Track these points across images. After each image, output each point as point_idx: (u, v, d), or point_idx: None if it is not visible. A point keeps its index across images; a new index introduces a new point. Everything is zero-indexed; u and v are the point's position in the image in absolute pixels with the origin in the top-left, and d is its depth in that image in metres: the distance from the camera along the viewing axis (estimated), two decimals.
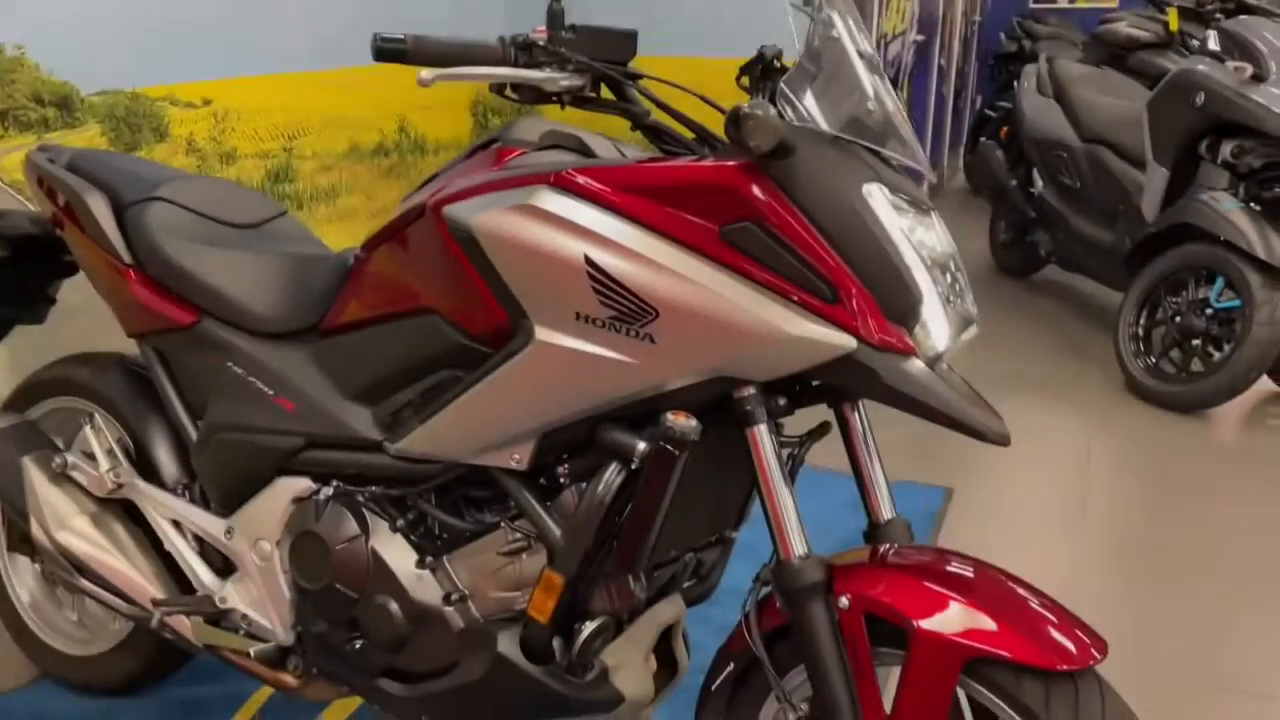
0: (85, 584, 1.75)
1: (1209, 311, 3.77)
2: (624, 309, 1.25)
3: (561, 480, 1.41)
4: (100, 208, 1.77)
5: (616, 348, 1.27)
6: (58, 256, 2.00)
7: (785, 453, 1.43)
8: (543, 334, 1.31)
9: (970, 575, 1.28)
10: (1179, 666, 2.23)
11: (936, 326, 1.27)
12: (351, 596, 1.52)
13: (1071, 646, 1.18)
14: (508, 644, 1.40)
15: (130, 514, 1.81)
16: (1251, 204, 3.74)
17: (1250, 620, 2.46)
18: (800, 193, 1.23)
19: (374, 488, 1.54)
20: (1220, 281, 3.74)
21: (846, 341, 1.21)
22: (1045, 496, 3.13)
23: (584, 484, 1.39)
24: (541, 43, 1.30)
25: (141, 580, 1.74)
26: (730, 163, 1.24)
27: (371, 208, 4.21)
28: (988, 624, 1.19)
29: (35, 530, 1.76)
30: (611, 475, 1.33)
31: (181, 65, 2.96)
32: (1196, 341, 3.83)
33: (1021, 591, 1.26)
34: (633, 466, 1.32)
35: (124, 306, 1.77)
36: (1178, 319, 3.87)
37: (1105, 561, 2.74)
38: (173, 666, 2.04)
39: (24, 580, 2.08)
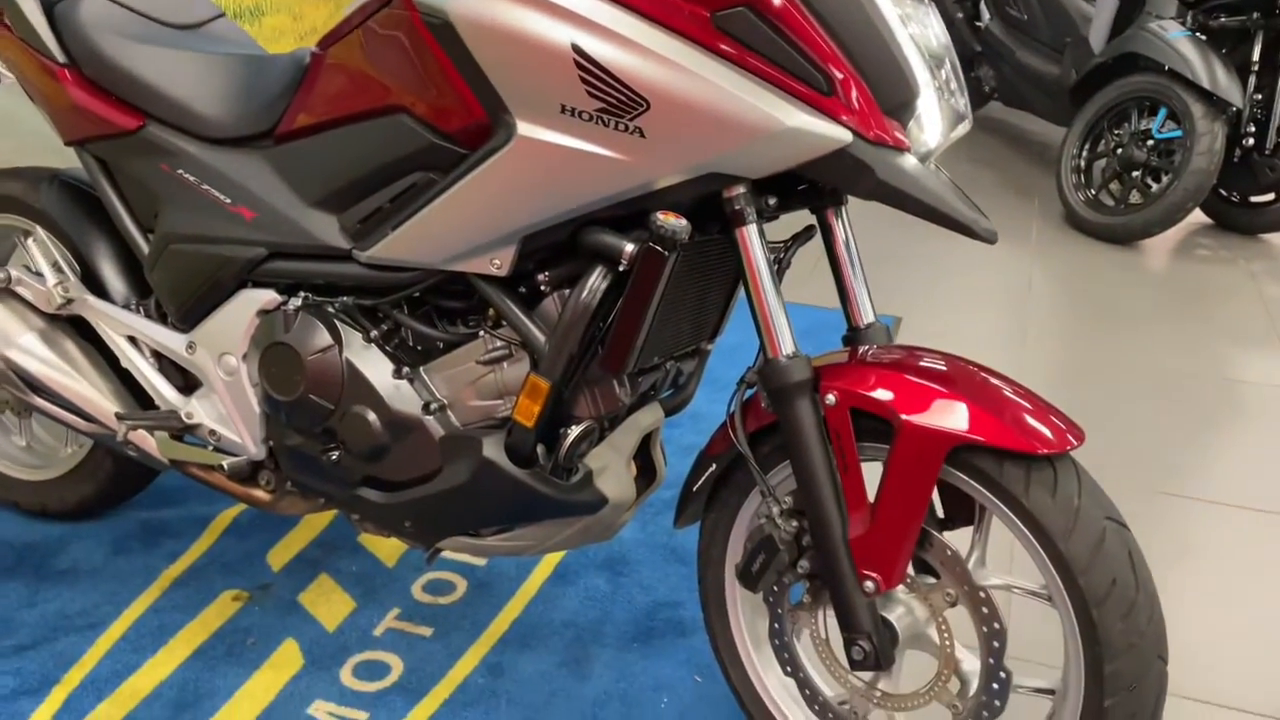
0: (40, 401, 1.69)
1: (1150, 143, 3.82)
2: (613, 100, 1.20)
3: (542, 288, 1.38)
4: (29, 3, 1.63)
5: (604, 142, 1.23)
6: None
7: (771, 256, 1.43)
8: (525, 129, 1.26)
9: (950, 370, 1.30)
10: (1117, 473, 2.35)
11: (931, 122, 1.25)
12: (327, 408, 1.50)
13: (1049, 433, 1.22)
14: (493, 449, 1.40)
15: (81, 331, 1.74)
16: (1198, 34, 3.74)
17: (1179, 429, 2.59)
18: None
19: (344, 298, 1.50)
20: (1163, 112, 3.77)
21: (842, 135, 1.19)
22: (989, 323, 3.21)
23: (566, 290, 1.37)
24: None
25: (100, 398, 1.69)
26: None
27: (299, 29, 3.99)
28: (970, 413, 1.22)
29: None
30: (597, 279, 1.31)
31: None
32: (1136, 174, 3.89)
33: (999, 383, 1.29)
34: (620, 269, 1.29)
35: (60, 110, 1.65)
36: (1119, 151, 3.91)
37: (1044, 380, 2.83)
38: (131, 491, 2.01)
39: None
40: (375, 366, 1.48)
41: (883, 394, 1.26)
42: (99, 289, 1.74)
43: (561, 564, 1.96)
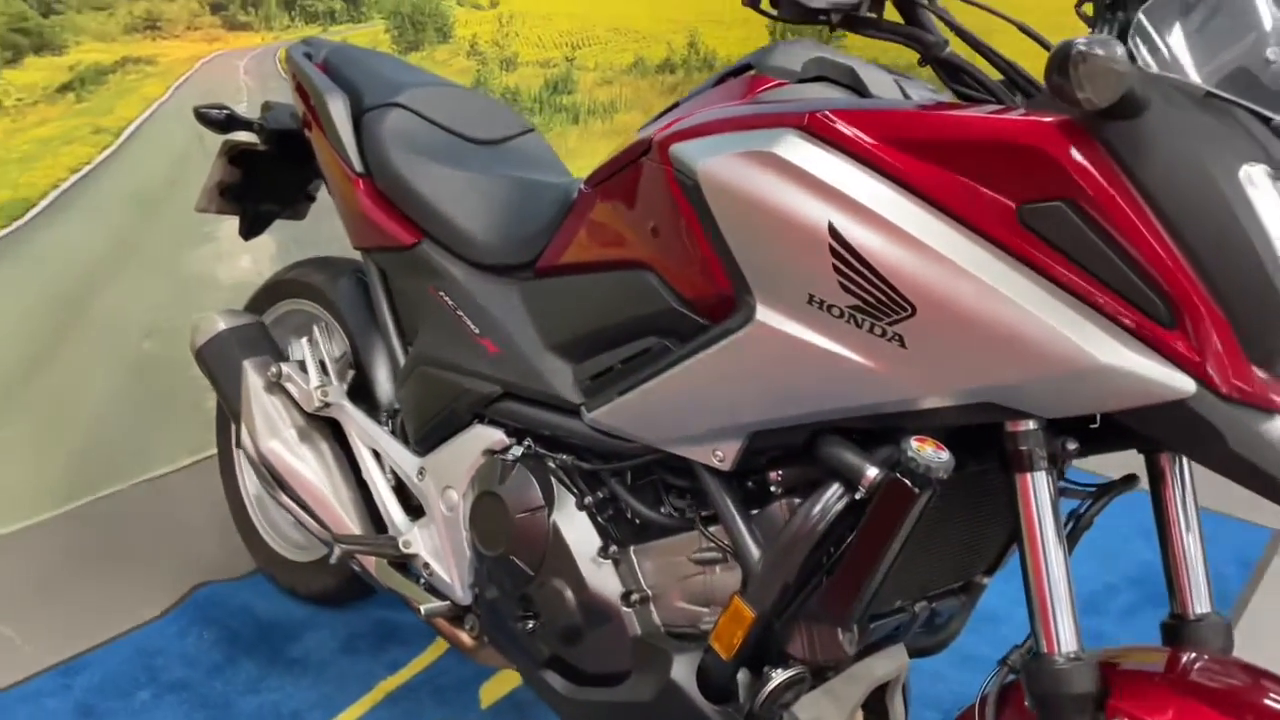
0: (282, 498, 1.71)
1: None
2: (870, 298, 0.96)
3: (773, 489, 1.16)
4: (339, 111, 1.67)
5: (855, 346, 0.99)
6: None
7: (1071, 509, 1.11)
8: (765, 314, 1.05)
9: None
10: None
11: None
12: (528, 573, 1.36)
13: None
14: (682, 670, 1.18)
15: (337, 435, 1.74)
16: None
17: None
18: (1144, 168, 0.88)
19: (565, 456, 1.35)
20: None
21: (1183, 384, 0.87)
22: None
23: (798, 500, 1.13)
24: None
25: (336, 507, 1.67)
26: (1048, 118, 0.91)
27: None
28: None
29: (245, 436, 1.73)
30: (832, 498, 1.06)
31: None
32: None
33: None
34: (858, 496, 1.04)
35: (352, 216, 1.67)
36: None
37: None
38: (372, 590, 1.99)
39: (251, 475, 2.09)
40: (582, 537, 1.32)
41: None
42: (367, 389, 1.74)
43: None
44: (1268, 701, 0.94)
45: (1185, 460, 1.08)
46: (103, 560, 2.18)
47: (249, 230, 2.07)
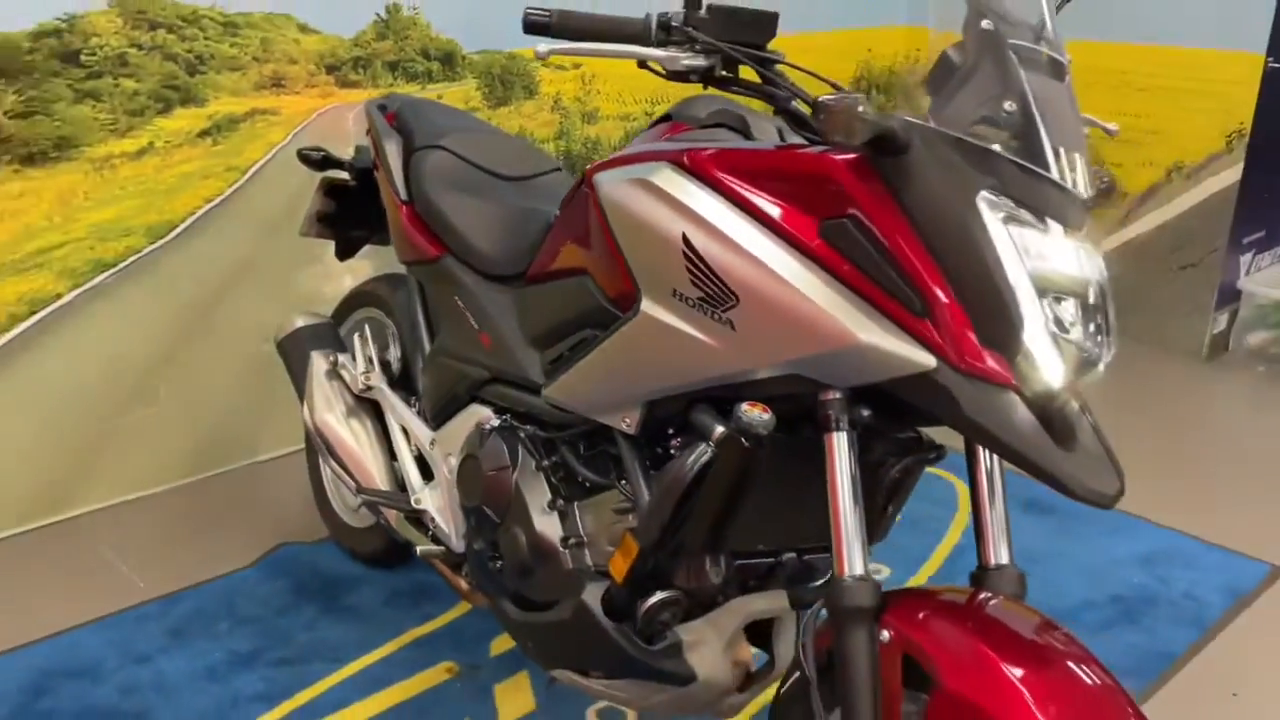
0: (330, 461, 2.09)
1: None
2: (710, 291, 1.25)
3: (672, 452, 1.44)
4: (393, 151, 2.05)
5: (702, 329, 1.28)
6: None
7: (895, 469, 1.35)
8: (647, 305, 1.35)
9: (1040, 646, 1.13)
10: None
11: (1041, 360, 1.12)
12: (495, 520, 1.67)
13: None
14: (591, 594, 1.47)
15: (377, 413, 2.11)
16: None
17: None
18: (906, 193, 1.14)
19: (531, 427, 1.67)
20: None
21: (925, 359, 1.12)
22: None
23: None
24: (676, 22, 1.31)
25: (370, 469, 2.04)
26: (841, 156, 1.18)
27: None
28: (1015, 702, 1.05)
29: (305, 411, 2.13)
30: (697, 453, 1.33)
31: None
32: None
33: (1086, 672, 1.09)
34: (710, 452, 1.31)
35: (397, 236, 2.05)
36: None
37: None
38: (412, 557, 2.34)
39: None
40: (536, 492, 1.63)
41: (935, 646, 1.13)
42: (407, 381, 2.11)
43: None
44: (1014, 628, 1.16)
45: None
46: (208, 523, 2.61)
47: (343, 253, 2.48)
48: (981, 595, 1.25)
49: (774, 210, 1.22)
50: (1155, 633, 2.26)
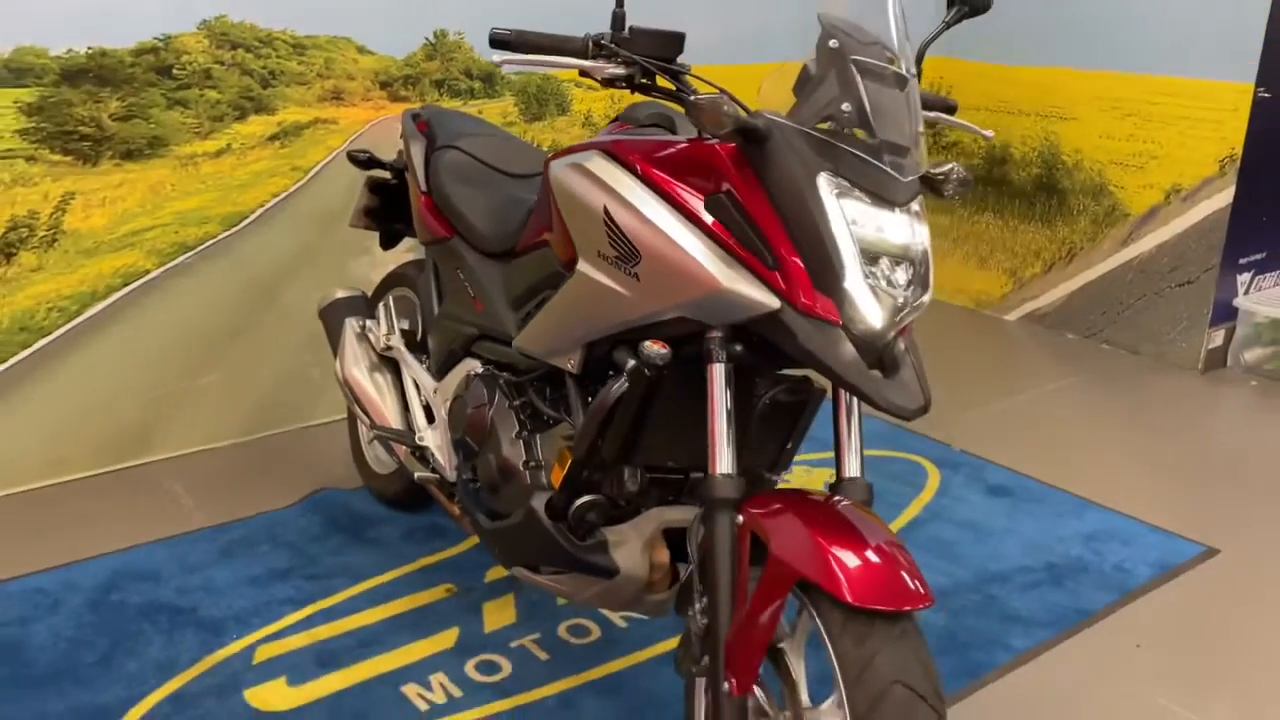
0: (356, 408, 2.48)
1: None
2: (622, 251, 1.60)
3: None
4: (417, 150, 2.45)
5: (617, 281, 1.62)
6: None
7: (769, 393, 1.68)
8: (582, 265, 1.70)
9: (860, 535, 1.42)
10: None
11: (862, 304, 1.43)
12: (474, 449, 2.04)
13: (886, 591, 1.32)
14: (537, 500, 1.82)
15: (396, 370, 2.50)
16: None
17: None
18: (766, 174, 1.47)
19: (506, 373, 2.03)
20: None
21: (771, 301, 1.45)
22: None
23: None
24: (605, 40, 1.66)
25: (385, 412, 2.43)
26: (720, 145, 1.52)
27: None
28: (820, 558, 1.36)
29: (337, 366, 2.53)
30: (614, 384, 1.67)
31: None
32: None
33: (878, 540, 1.39)
34: (622, 381, 1.65)
35: (418, 220, 2.44)
36: None
37: None
38: (430, 503, 2.72)
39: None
40: (507, 426, 1.99)
41: (771, 526, 1.45)
42: (422, 343, 2.49)
43: None
44: (847, 520, 1.46)
45: None
46: (260, 473, 3.03)
47: (386, 243, 2.88)
48: (834, 499, 1.56)
49: (672, 188, 1.56)
50: (1078, 594, 2.51)
